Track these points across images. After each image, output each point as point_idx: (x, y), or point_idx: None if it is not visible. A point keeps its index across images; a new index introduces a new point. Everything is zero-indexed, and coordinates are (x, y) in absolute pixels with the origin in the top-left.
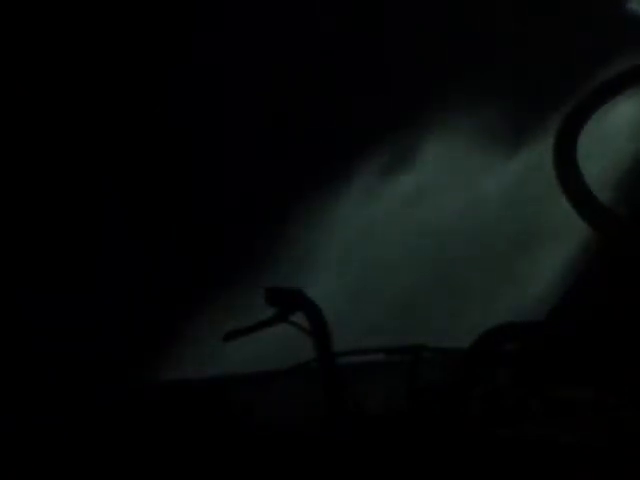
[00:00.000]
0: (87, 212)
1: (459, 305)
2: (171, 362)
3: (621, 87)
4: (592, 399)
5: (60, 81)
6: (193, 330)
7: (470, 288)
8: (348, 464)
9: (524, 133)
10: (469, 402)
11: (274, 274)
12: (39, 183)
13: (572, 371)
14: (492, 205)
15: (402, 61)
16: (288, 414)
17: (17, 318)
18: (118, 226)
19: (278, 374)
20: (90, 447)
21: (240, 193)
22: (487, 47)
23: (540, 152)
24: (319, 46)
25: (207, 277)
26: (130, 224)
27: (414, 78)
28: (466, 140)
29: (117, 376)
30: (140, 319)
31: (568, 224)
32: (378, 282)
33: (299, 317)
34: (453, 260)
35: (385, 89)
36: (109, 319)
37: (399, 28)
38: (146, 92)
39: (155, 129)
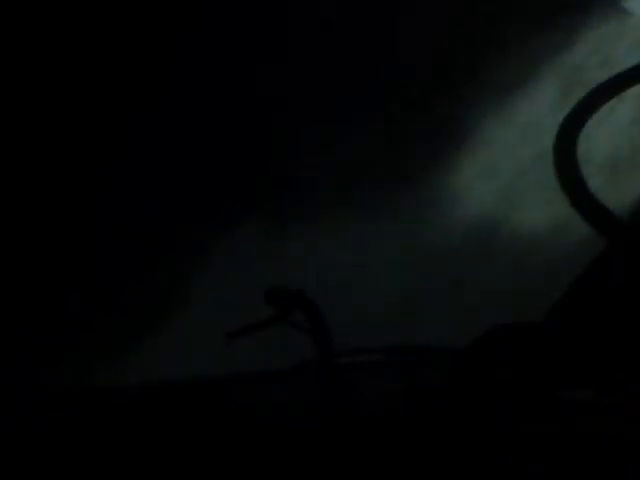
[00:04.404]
0: (86, 211)
1: None
2: (170, 362)
3: (621, 87)
4: (592, 399)
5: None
6: (192, 330)
7: None
8: (348, 464)
9: None
10: (469, 402)
11: (273, 274)
12: (38, 182)
13: (572, 371)
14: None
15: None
16: (288, 414)
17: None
18: (117, 224)
19: (278, 374)
20: (89, 447)
21: (238, 193)
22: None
23: None
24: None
25: (205, 276)
26: (128, 221)
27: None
28: None
29: (117, 376)
30: (140, 319)
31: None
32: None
33: (299, 317)
34: None
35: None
36: (108, 319)
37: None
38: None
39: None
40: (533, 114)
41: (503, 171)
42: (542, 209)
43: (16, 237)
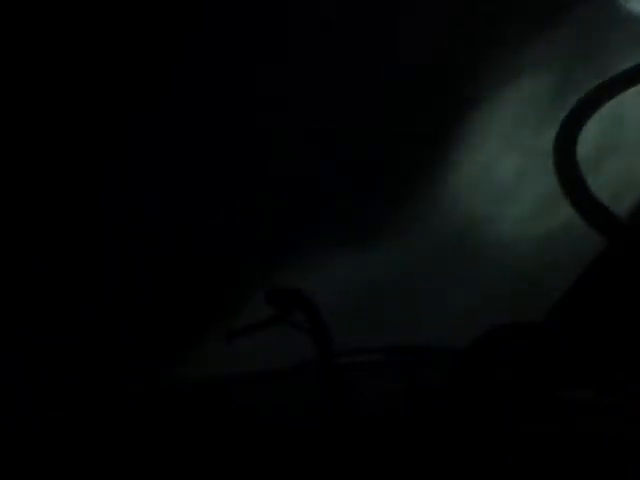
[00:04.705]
0: (88, 214)
1: None
2: (171, 362)
3: (622, 86)
4: (592, 399)
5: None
6: (193, 330)
7: None
8: (348, 464)
9: None
10: (469, 402)
11: (274, 274)
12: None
13: (572, 371)
14: None
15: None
16: (288, 414)
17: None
18: (117, 226)
19: (278, 374)
20: (89, 447)
21: (237, 196)
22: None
23: None
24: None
25: (206, 277)
26: (129, 225)
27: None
28: None
29: (117, 377)
30: (140, 319)
31: None
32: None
33: (299, 317)
34: None
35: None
36: (108, 319)
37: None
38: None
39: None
40: (533, 114)
41: (503, 171)
42: (542, 209)
43: (16, 237)
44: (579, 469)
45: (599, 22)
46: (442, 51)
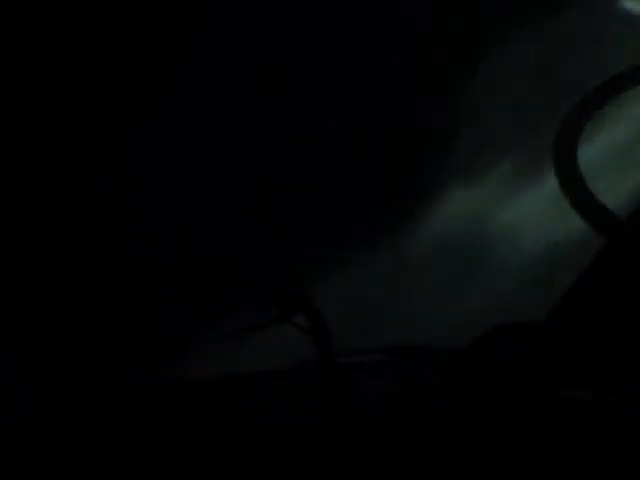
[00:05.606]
0: (88, 214)
1: None
2: (171, 362)
3: (623, 86)
4: (592, 399)
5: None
6: (193, 330)
7: None
8: (348, 464)
9: None
10: (469, 402)
11: (274, 275)
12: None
13: (572, 371)
14: None
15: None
16: (288, 414)
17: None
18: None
19: (278, 374)
20: (89, 447)
21: (237, 196)
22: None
23: None
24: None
25: (206, 278)
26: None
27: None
28: None
29: (117, 376)
30: (140, 319)
31: None
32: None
33: (299, 317)
34: None
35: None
36: (108, 318)
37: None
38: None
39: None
40: (533, 114)
41: (503, 170)
42: (542, 209)
43: (15, 236)
44: (579, 469)
45: (599, 22)
46: (442, 51)
